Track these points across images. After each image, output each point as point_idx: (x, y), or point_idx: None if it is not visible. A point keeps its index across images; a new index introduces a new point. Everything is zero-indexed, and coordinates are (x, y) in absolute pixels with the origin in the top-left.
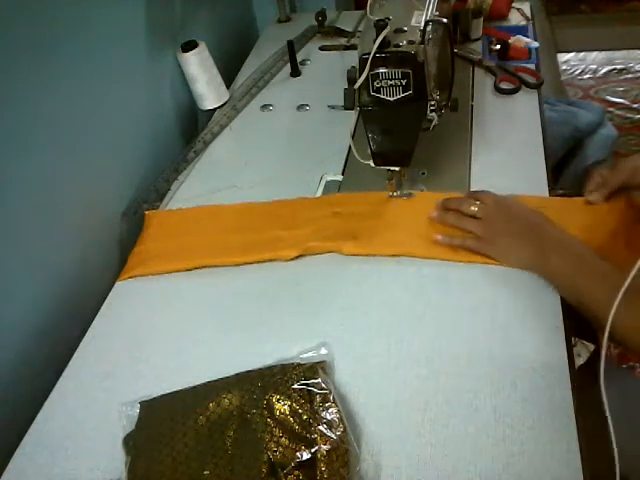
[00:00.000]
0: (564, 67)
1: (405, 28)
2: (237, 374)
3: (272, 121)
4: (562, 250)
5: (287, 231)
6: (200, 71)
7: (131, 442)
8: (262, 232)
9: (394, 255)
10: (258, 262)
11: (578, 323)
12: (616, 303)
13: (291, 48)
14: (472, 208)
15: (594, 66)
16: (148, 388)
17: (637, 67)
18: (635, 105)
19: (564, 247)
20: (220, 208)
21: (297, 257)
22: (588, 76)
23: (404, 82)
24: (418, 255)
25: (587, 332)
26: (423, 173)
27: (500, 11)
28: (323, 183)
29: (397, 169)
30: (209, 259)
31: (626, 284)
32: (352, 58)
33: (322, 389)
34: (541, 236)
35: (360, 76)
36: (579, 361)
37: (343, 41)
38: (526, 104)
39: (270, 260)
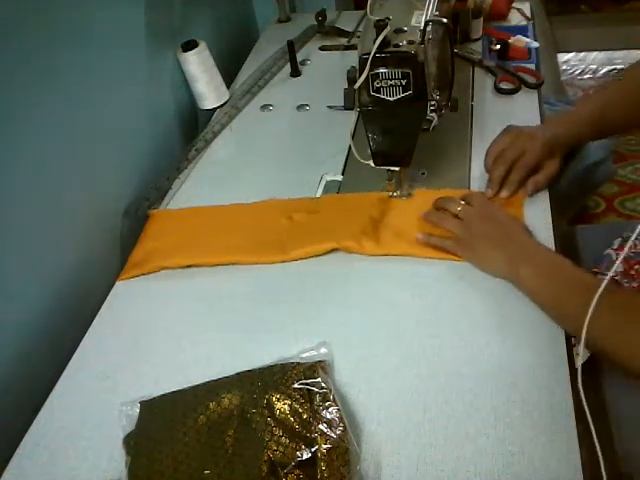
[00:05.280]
0: (564, 67)
1: (405, 28)
2: (237, 373)
3: (272, 121)
4: (532, 261)
5: (287, 232)
6: (200, 70)
7: (131, 442)
8: (262, 232)
9: (394, 255)
10: (258, 263)
11: None
12: (591, 310)
13: (291, 48)
14: (457, 208)
15: (594, 66)
16: (148, 388)
17: None
18: None
19: (535, 258)
20: (220, 208)
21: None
22: (588, 76)
23: (404, 82)
24: (418, 255)
25: None
26: (423, 173)
27: (500, 11)
28: (323, 183)
29: (397, 169)
30: (209, 258)
31: (600, 291)
32: (352, 58)
33: (322, 388)
34: (514, 246)
35: (360, 76)
36: (579, 361)
37: (343, 41)
38: (526, 104)
39: (270, 262)
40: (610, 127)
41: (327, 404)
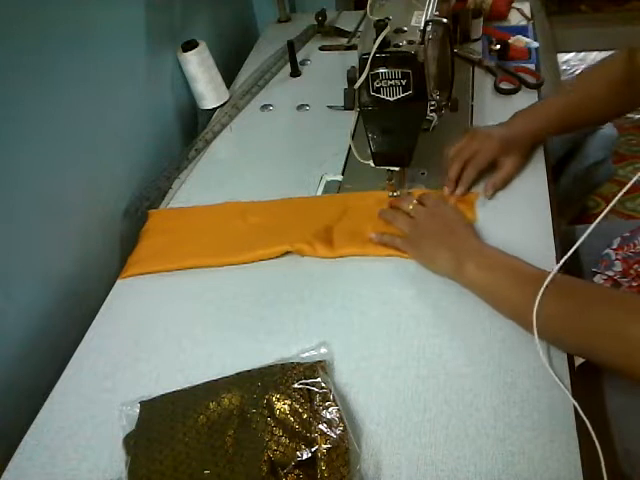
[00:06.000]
0: (564, 67)
1: (405, 28)
2: (237, 373)
3: (272, 121)
4: (478, 258)
5: (286, 231)
6: (200, 71)
7: (131, 442)
8: (261, 232)
9: (394, 255)
10: (258, 260)
11: None
12: (537, 301)
13: (291, 48)
14: (409, 207)
15: None
16: (148, 388)
17: None
18: None
19: (481, 255)
20: (220, 207)
21: (296, 257)
22: None
23: (404, 82)
24: (371, 254)
25: None
26: (423, 173)
27: (500, 11)
28: (323, 183)
29: (397, 169)
30: (209, 259)
31: (547, 281)
32: (352, 58)
33: (322, 388)
34: (460, 245)
35: (360, 76)
36: (579, 361)
37: (343, 41)
38: (526, 104)
39: (267, 259)
40: (577, 123)
41: (327, 404)
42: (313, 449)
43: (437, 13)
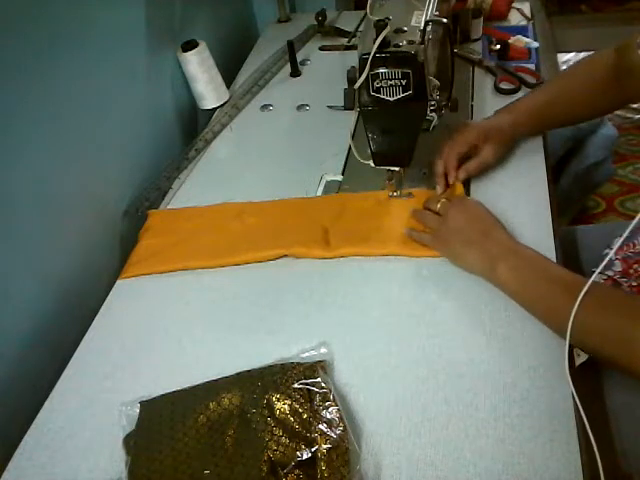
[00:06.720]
0: (564, 67)
1: (405, 28)
2: (237, 373)
3: (272, 121)
4: (512, 259)
5: (283, 233)
6: (200, 71)
7: (131, 442)
8: (258, 233)
9: (394, 255)
10: (258, 262)
11: None
12: (576, 305)
13: (291, 48)
14: (437, 205)
15: None
16: (148, 388)
17: None
18: (635, 105)
19: (515, 256)
20: (219, 208)
21: (296, 257)
22: None
23: (404, 82)
24: (418, 255)
25: None
26: (424, 173)
27: (500, 11)
28: (323, 183)
29: (397, 169)
30: (207, 260)
31: (585, 289)
32: (352, 58)
33: (322, 388)
34: (491, 243)
35: (360, 76)
36: (579, 361)
37: (343, 41)
38: None
39: (268, 260)
40: (559, 120)
41: (327, 404)
42: (313, 449)
43: (437, 13)
